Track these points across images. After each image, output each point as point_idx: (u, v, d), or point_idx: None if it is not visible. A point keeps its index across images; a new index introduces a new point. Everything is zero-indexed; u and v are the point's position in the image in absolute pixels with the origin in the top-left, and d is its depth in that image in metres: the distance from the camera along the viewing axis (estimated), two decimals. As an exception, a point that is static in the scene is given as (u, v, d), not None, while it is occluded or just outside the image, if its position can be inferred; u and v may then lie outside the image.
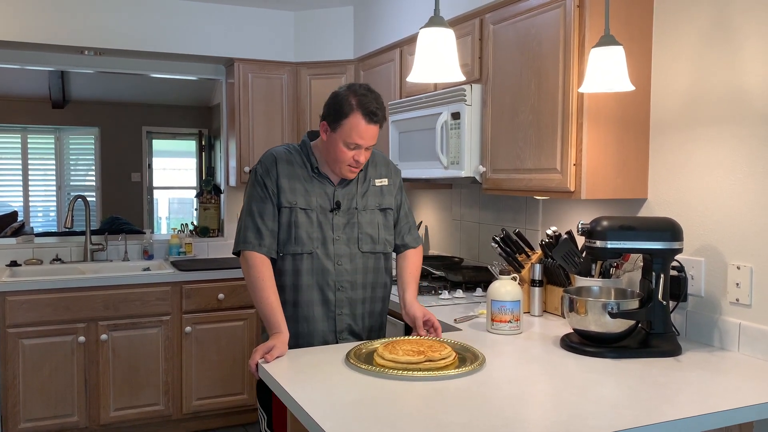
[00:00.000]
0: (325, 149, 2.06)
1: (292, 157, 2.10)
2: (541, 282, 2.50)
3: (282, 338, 1.91)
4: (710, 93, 2.04)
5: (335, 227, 2.08)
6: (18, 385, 3.26)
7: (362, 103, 1.97)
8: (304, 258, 2.05)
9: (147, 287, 3.50)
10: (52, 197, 8.47)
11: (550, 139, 2.27)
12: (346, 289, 2.09)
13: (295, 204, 2.05)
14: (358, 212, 2.11)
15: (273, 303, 1.98)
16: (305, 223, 2.05)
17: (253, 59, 3.97)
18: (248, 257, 2.02)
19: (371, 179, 2.16)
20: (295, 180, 2.07)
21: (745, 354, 1.94)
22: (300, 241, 2.04)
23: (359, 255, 2.10)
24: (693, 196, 2.12)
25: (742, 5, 1.94)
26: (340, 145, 2.00)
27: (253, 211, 2.05)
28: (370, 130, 1.99)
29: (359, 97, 1.97)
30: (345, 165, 2.04)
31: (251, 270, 2.01)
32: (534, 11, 2.33)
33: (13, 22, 3.49)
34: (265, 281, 1.99)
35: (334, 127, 2.00)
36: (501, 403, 1.51)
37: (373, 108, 1.98)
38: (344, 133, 1.98)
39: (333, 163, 2.06)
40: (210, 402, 3.66)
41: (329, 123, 2.02)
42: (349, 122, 1.97)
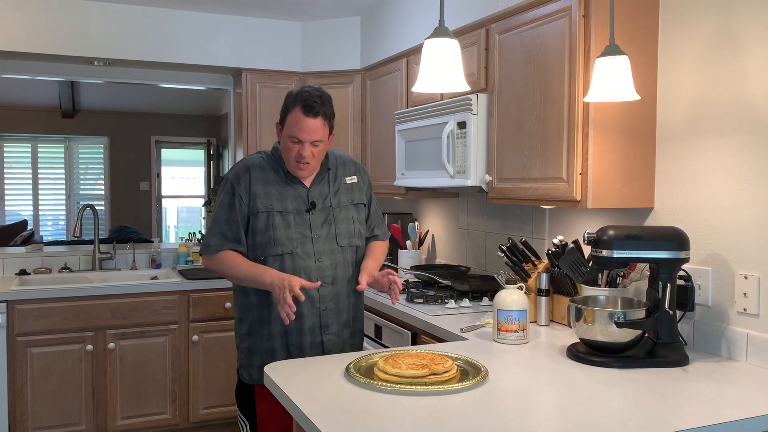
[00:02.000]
0: (281, 150, 2.16)
1: (265, 163, 2.18)
2: (547, 291, 2.49)
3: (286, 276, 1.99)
4: (716, 102, 2.04)
5: (313, 226, 2.16)
6: (26, 393, 3.27)
7: (302, 98, 2.06)
8: (285, 258, 2.11)
9: (155, 296, 3.51)
10: (62, 206, 8.53)
11: (556, 148, 2.27)
12: (328, 285, 2.16)
13: (271, 208, 2.12)
14: (333, 209, 2.20)
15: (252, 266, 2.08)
16: (282, 225, 2.12)
17: (260, 69, 4.00)
18: (214, 259, 2.13)
19: (341, 177, 2.26)
20: (269, 185, 2.14)
21: (753, 364, 1.92)
22: (279, 242, 2.10)
23: (339, 250, 2.18)
24: (700, 205, 2.11)
25: (748, 15, 1.94)
26: (287, 140, 2.10)
27: (220, 217, 2.14)
28: (310, 123, 2.06)
29: (301, 93, 2.09)
30: (293, 161, 2.11)
31: (222, 266, 2.11)
32: (539, 21, 2.34)
33: (24, 33, 3.53)
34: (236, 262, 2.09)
35: (282, 125, 2.13)
36: (507, 414, 1.51)
37: (311, 102, 2.05)
38: (288, 127, 2.09)
39: (285, 160, 2.15)
40: (217, 411, 3.66)
41: (280, 122, 2.16)
42: (290, 117, 2.09)
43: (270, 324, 2.14)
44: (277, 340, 2.14)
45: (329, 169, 2.24)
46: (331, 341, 2.18)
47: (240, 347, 2.22)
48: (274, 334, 2.14)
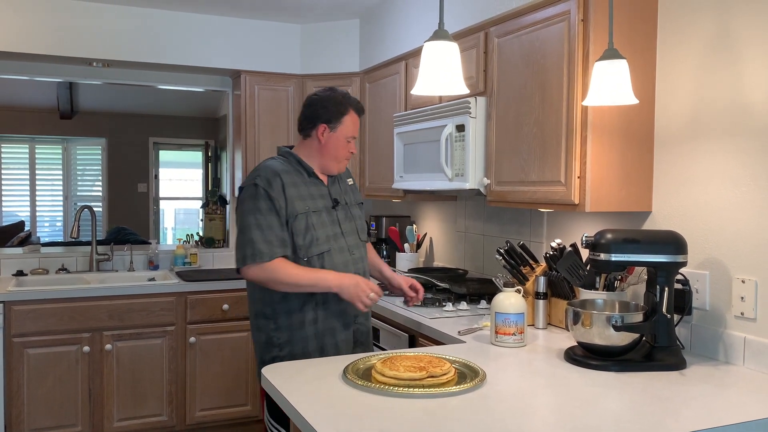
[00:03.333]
0: (325, 150, 2.22)
1: (286, 167, 2.20)
2: (545, 294, 2.50)
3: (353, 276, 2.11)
4: (714, 106, 2.05)
5: (340, 221, 2.25)
6: (22, 394, 3.26)
7: (351, 101, 2.25)
8: (325, 256, 2.17)
9: (152, 297, 3.51)
10: (59, 207, 8.51)
11: (555, 152, 2.27)
12: (361, 275, 2.22)
13: (308, 209, 2.16)
14: (349, 207, 2.31)
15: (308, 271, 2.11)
16: (319, 224, 2.18)
17: (259, 71, 4.00)
18: (266, 267, 2.07)
19: (345, 179, 2.38)
20: (298, 187, 2.18)
21: (750, 368, 1.93)
22: (320, 241, 2.16)
23: (360, 244, 2.31)
24: (697, 209, 2.12)
25: (746, 19, 1.95)
26: (343, 140, 2.22)
27: (260, 223, 2.09)
28: (358, 122, 2.28)
29: (345, 97, 2.24)
30: (343, 159, 2.25)
31: (276, 275, 2.07)
32: (538, 25, 2.34)
33: (22, 33, 3.53)
34: (291, 270, 2.08)
35: (335, 127, 2.21)
36: (504, 417, 1.51)
37: (360, 105, 2.29)
38: (346, 129, 2.22)
39: (333, 160, 2.23)
40: (214, 413, 3.65)
41: (329, 124, 2.21)
42: (348, 119, 2.22)
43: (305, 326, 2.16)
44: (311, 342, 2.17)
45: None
46: (359, 331, 2.27)
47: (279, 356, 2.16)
48: (309, 336, 2.17)
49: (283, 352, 2.16)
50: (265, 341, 2.19)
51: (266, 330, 2.19)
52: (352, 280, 2.09)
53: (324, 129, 2.20)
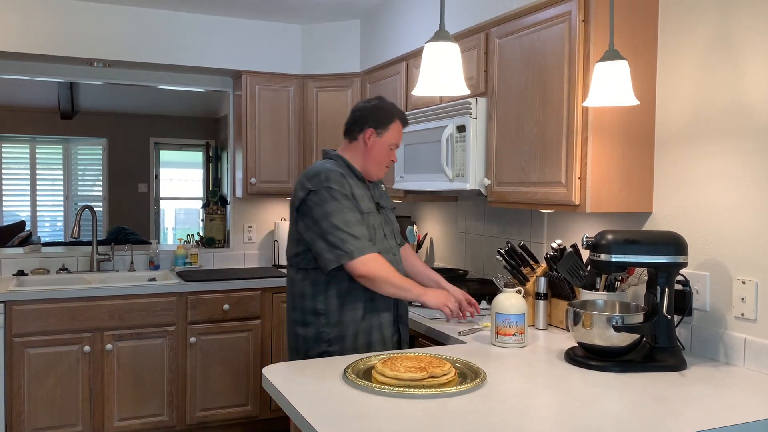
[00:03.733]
0: (369, 154, 2.28)
1: (343, 170, 2.24)
2: (545, 295, 2.50)
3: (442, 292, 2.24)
4: (715, 107, 2.05)
5: (384, 224, 2.32)
6: (23, 394, 3.27)
7: (398, 112, 2.31)
8: (382, 254, 2.21)
9: (152, 297, 3.51)
10: (60, 207, 8.52)
11: (555, 153, 2.27)
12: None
13: (370, 209, 2.25)
14: (387, 211, 2.38)
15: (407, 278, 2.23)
16: (376, 224, 2.26)
17: (260, 71, 4.00)
18: (375, 258, 2.12)
19: (379, 185, 2.42)
20: (357, 189, 2.24)
21: (751, 369, 1.93)
22: (377, 241, 2.23)
23: (397, 248, 2.37)
24: (698, 210, 2.12)
25: (746, 20, 1.95)
26: (387, 148, 2.28)
27: (351, 220, 2.14)
28: (402, 132, 2.35)
29: (392, 107, 2.30)
30: (385, 165, 2.31)
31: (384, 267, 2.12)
32: (539, 26, 2.35)
33: (23, 34, 3.54)
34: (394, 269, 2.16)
35: (381, 133, 2.27)
36: (504, 418, 1.51)
37: (404, 113, 2.34)
38: (391, 136, 2.28)
39: (376, 166, 2.29)
40: (214, 413, 3.66)
41: (376, 129, 2.27)
42: (394, 127, 2.29)
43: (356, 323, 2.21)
44: (360, 338, 2.22)
45: None
46: (404, 331, 2.35)
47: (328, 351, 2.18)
48: (359, 332, 2.21)
49: (333, 348, 2.19)
50: (314, 336, 2.21)
51: (316, 325, 2.20)
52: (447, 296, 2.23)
53: (371, 133, 2.26)
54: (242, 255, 4.35)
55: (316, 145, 4.04)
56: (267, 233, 4.41)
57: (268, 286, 3.74)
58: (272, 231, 4.41)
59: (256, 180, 4.01)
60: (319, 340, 2.20)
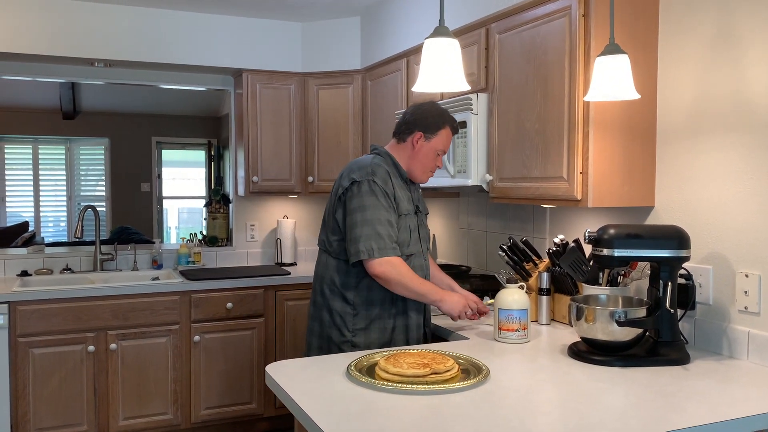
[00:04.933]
0: (415, 157, 2.29)
1: (390, 169, 2.26)
2: (548, 290, 2.50)
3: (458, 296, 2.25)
4: (716, 100, 2.04)
5: (419, 227, 2.34)
6: (28, 394, 3.28)
7: (449, 119, 2.30)
8: (413, 257, 2.27)
9: (156, 296, 3.51)
10: (63, 207, 8.54)
11: (557, 148, 2.27)
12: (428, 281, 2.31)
13: (408, 211, 2.26)
14: (423, 215, 2.40)
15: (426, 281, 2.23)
16: (413, 226, 2.28)
17: (261, 70, 4.00)
18: (393, 261, 2.15)
19: (418, 189, 2.43)
20: (400, 189, 2.26)
21: (755, 362, 1.92)
22: (412, 243, 2.26)
23: (427, 252, 2.40)
24: (700, 204, 2.11)
25: (747, 13, 1.94)
26: (433, 153, 2.28)
27: (383, 219, 2.16)
28: (451, 140, 2.36)
29: (445, 113, 2.29)
30: (429, 170, 2.32)
31: (401, 271, 2.15)
32: (539, 20, 2.34)
33: (24, 34, 3.54)
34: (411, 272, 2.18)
35: (429, 137, 2.27)
36: (507, 413, 1.51)
37: (457, 124, 2.34)
38: (439, 142, 2.28)
39: (420, 169, 2.30)
40: (218, 411, 3.66)
41: (425, 133, 2.27)
42: (443, 133, 2.28)
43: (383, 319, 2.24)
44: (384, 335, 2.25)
45: None
46: (429, 334, 2.37)
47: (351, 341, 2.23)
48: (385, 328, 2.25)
49: (357, 339, 2.23)
50: (340, 324, 2.25)
51: (343, 314, 2.24)
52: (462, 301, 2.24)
53: (420, 137, 2.26)
54: (245, 253, 4.35)
55: (317, 142, 4.04)
56: (269, 231, 4.42)
57: (271, 284, 3.75)
58: (275, 229, 4.41)
59: (258, 178, 4.01)
60: (343, 329, 2.24)
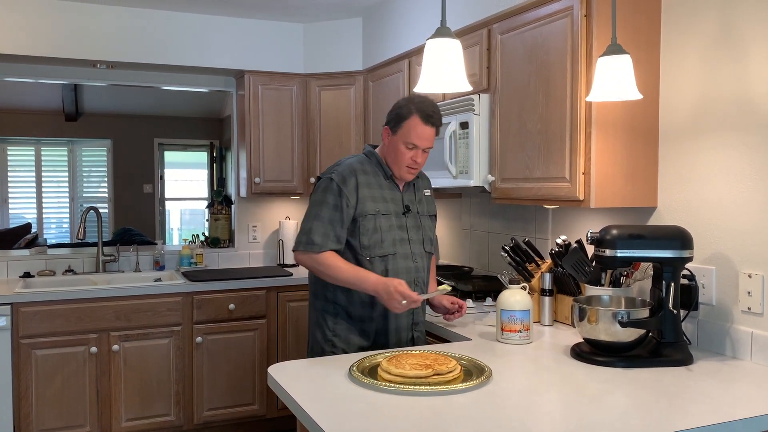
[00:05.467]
0: (388, 152, 2.22)
1: (365, 167, 2.22)
2: (551, 291, 2.49)
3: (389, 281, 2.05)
4: (719, 100, 2.04)
5: (408, 228, 2.25)
6: (31, 395, 3.28)
7: (420, 107, 2.15)
8: (389, 259, 2.18)
9: (158, 298, 3.51)
10: (65, 209, 8.54)
11: (559, 148, 2.27)
12: (420, 284, 2.25)
13: (378, 211, 2.18)
14: (420, 216, 2.30)
15: (352, 269, 2.12)
16: (386, 227, 2.19)
17: (263, 71, 4.00)
18: (313, 256, 2.13)
19: (422, 189, 2.36)
20: (373, 188, 2.20)
21: (758, 363, 1.92)
22: (386, 244, 2.18)
23: (425, 255, 2.29)
24: (703, 204, 2.11)
25: (750, 13, 1.94)
26: (401, 146, 2.17)
27: (323, 215, 2.14)
28: (427, 131, 2.16)
29: (417, 103, 2.17)
30: (404, 166, 2.20)
31: (320, 266, 2.13)
32: (541, 21, 2.34)
33: (27, 36, 3.54)
34: (335, 263, 2.12)
35: (395, 130, 2.18)
36: (510, 414, 1.50)
37: (430, 111, 2.16)
38: (404, 134, 2.16)
39: (394, 165, 2.21)
40: (221, 412, 3.66)
41: (391, 127, 2.20)
42: (408, 124, 2.15)
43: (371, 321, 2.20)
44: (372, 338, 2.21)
45: (417, 178, 2.34)
46: (419, 338, 2.30)
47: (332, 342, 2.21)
48: (368, 332, 2.21)
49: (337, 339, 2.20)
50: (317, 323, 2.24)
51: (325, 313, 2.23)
52: (386, 286, 2.04)
53: (387, 131, 2.22)
54: (247, 254, 4.35)
55: (319, 143, 4.04)
56: (272, 232, 4.42)
57: (273, 286, 3.74)
58: (277, 230, 4.41)
59: (261, 179, 4.01)
60: (325, 328, 2.23)
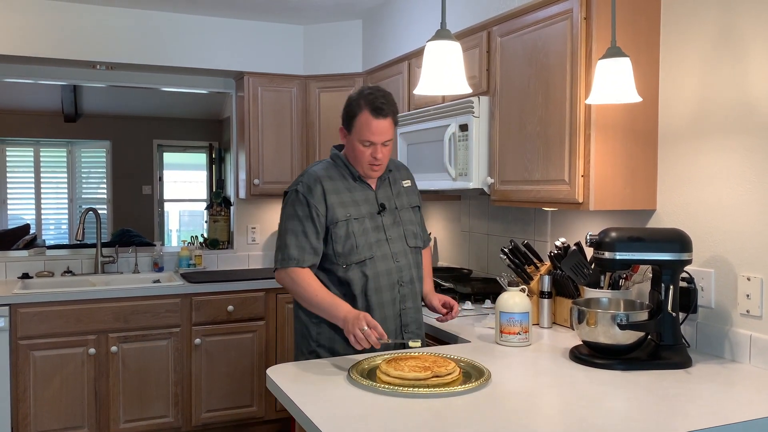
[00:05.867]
0: (349, 152, 2.16)
1: (330, 172, 2.16)
2: (550, 293, 2.49)
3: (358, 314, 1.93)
4: (718, 103, 2.04)
5: (386, 228, 2.16)
6: (29, 396, 3.27)
7: (368, 101, 2.07)
8: (368, 263, 2.10)
9: (157, 299, 3.51)
10: (64, 210, 8.54)
11: (558, 151, 2.27)
12: (406, 284, 2.17)
13: (349, 216, 2.11)
14: (398, 211, 2.22)
15: (327, 295, 2.05)
16: (360, 231, 2.11)
17: (262, 73, 4.00)
18: (291, 273, 2.08)
19: (399, 180, 2.28)
20: (341, 193, 2.13)
21: (757, 366, 1.92)
22: (361, 249, 2.10)
23: (409, 251, 2.20)
24: (702, 207, 2.11)
25: (750, 15, 1.94)
26: (358, 145, 2.09)
27: (295, 229, 2.09)
28: (380, 124, 2.07)
29: (365, 96, 2.09)
30: (366, 164, 2.12)
31: (297, 285, 2.07)
32: (541, 23, 2.34)
33: (27, 37, 3.54)
34: (311, 285, 2.06)
35: (350, 129, 2.11)
36: (509, 416, 1.50)
37: (379, 103, 2.07)
38: (358, 132, 2.08)
39: (356, 164, 2.14)
40: (219, 414, 3.66)
41: (345, 126, 2.14)
42: (359, 121, 2.08)
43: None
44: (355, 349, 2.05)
45: (390, 171, 2.25)
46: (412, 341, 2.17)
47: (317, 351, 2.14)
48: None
49: (321, 350, 2.13)
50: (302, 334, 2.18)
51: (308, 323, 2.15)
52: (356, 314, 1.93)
53: (342, 131, 2.16)
54: (246, 256, 4.35)
55: (318, 145, 4.04)
56: (271, 234, 4.42)
57: (272, 287, 3.74)
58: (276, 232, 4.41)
59: (260, 181, 4.01)
60: (309, 338, 2.15)
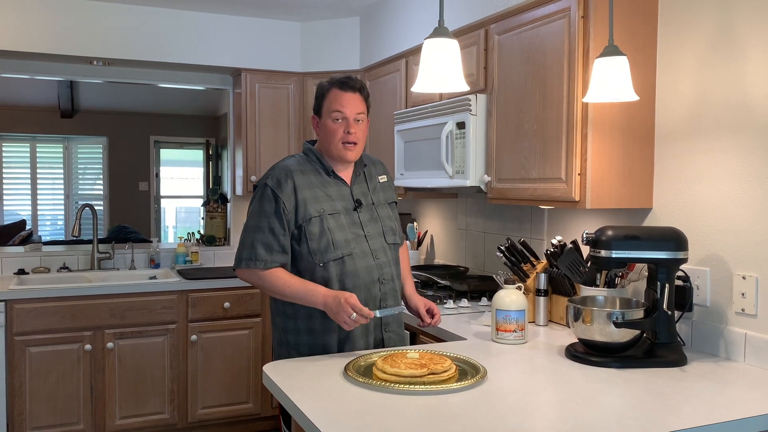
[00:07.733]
0: (322, 139, 2.11)
1: (303, 166, 2.08)
2: (546, 291, 2.50)
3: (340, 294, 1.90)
4: (715, 102, 2.05)
5: (363, 224, 2.10)
6: (24, 392, 3.27)
7: (334, 79, 2.09)
8: (346, 260, 2.03)
9: (153, 296, 3.51)
10: (60, 206, 8.52)
11: (555, 149, 2.27)
12: (387, 282, 2.11)
13: (323, 211, 2.03)
14: (376, 207, 2.15)
15: (299, 283, 1.98)
16: (336, 227, 2.03)
17: (260, 69, 4.00)
18: (260, 275, 2.00)
19: (375, 176, 2.22)
20: (314, 188, 2.05)
21: (752, 364, 1.93)
22: (338, 245, 2.02)
23: (387, 247, 2.14)
24: (698, 206, 2.11)
25: (747, 15, 1.95)
26: (329, 123, 2.06)
27: (262, 226, 2.00)
28: (348, 97, 2.06)
29: (330, 79, 2.11)
30: (339, 143, 2.05)
31: (265, 282, 2.00)
32: (538, 22, 2.34)
33: (23, 32, 3.53)
34: (281, 278, 1.99)
35: (320, 113, 2.10)
36: (504, 414, 1.51)
37: (344, 79, 2.08)
38: (327, 109, 2.07)
39: (331, 145, 2.07)
40: (215, 411, 3.66)
41: (316, 112, 2.12)
42: (327, 99, 2.07)
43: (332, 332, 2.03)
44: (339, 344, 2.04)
45: (365, 166, 2.19)
46: (392, 339, 2.14)
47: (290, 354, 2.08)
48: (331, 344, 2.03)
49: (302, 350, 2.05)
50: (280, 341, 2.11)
51: (283, 328, 2.09)
52: (336, 299, 1.90)
53: (314, 119, 2.12)
54: (243, 253, 4.34)
55: (316, 142, 4.04)
56: (267, 231, 4.41)
57: (268, 284, 3.74)
58: (273, 229, 4.40)
59: (257, 178, 4.01)
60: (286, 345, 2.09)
